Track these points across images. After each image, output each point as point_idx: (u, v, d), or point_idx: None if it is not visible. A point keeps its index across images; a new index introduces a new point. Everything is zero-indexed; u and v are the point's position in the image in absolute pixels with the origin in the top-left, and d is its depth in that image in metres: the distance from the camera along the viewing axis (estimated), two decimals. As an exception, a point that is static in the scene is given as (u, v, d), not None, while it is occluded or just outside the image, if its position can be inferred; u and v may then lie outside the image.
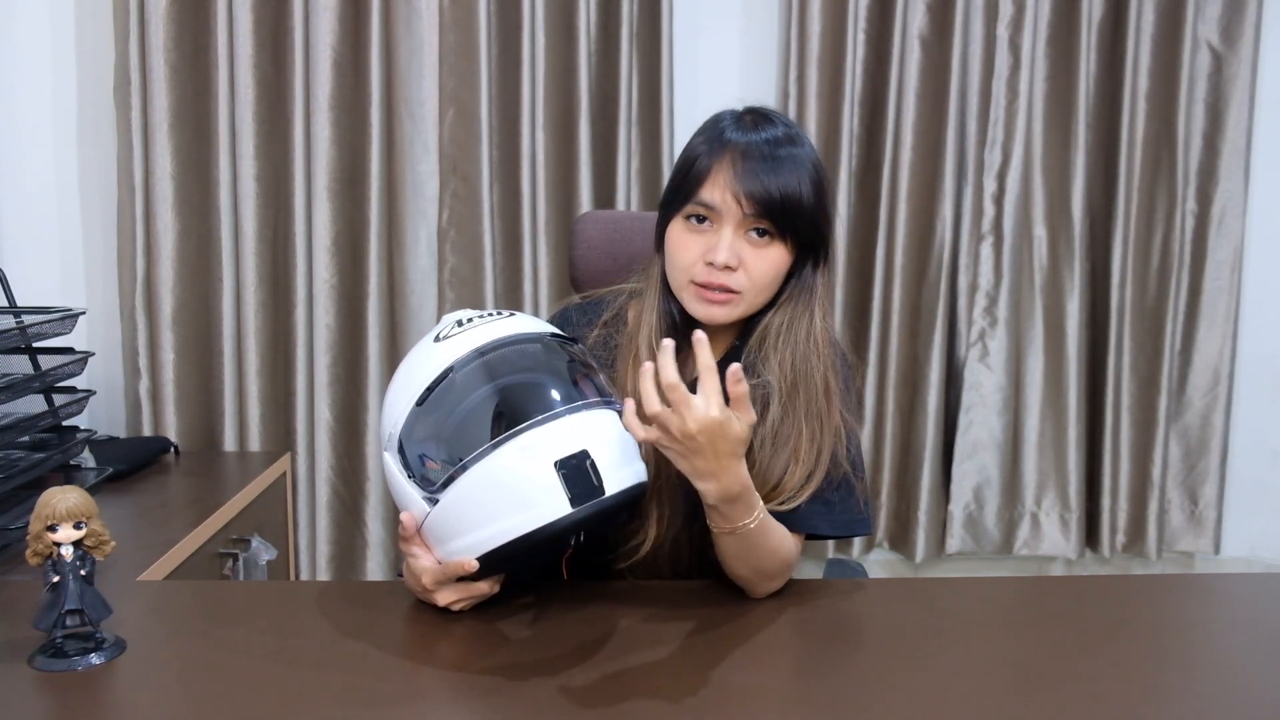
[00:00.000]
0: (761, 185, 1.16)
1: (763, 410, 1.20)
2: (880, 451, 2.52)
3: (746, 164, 1.17)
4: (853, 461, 1.25)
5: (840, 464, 1.23)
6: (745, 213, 1.17)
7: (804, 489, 1.20)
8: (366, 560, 2.43)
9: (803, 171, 1.19)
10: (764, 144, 1.18)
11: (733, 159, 1.18)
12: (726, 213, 1.18)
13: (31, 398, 1.73)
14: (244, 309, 2.31)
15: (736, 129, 1.21)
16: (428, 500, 1.07)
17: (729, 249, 1.17)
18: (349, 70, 2.30)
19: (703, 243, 1.19)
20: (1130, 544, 2.58)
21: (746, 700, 0.98)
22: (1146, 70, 2.44)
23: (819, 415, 1.21)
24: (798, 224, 1.19)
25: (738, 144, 1.19)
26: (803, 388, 1.21)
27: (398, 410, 1.09)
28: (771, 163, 1.17)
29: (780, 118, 1.24)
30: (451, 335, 1.11)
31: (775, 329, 1.23)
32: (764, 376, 1.21)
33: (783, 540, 1.18)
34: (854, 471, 1.25)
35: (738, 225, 1.18)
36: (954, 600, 1.25)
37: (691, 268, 1.20)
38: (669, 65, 2.35)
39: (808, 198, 1.19)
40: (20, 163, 2.30)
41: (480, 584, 1.11)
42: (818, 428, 1.21)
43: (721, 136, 1.20)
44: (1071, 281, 2.48)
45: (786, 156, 1.18)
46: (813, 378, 1.21)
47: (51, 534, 1.00)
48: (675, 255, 1.22)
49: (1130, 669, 1.04)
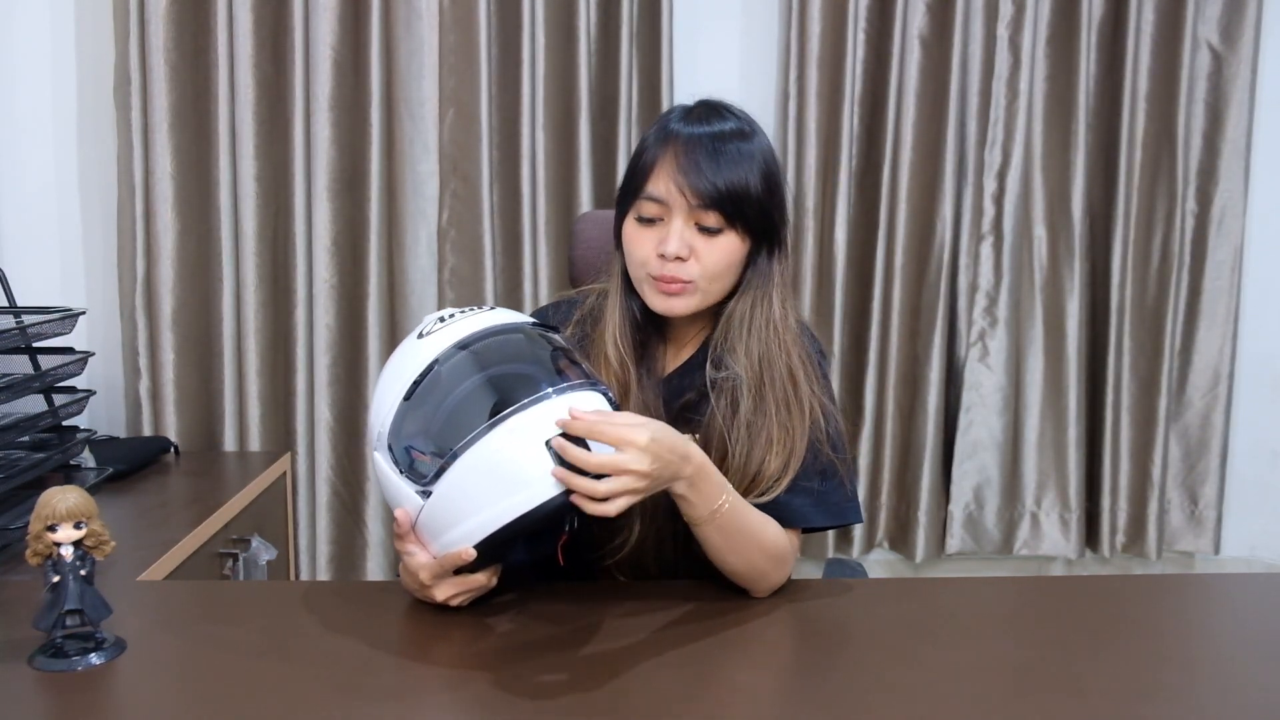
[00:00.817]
0: (706, 178, 1.17)
1: (734, 403, 1.22)
2: (880, 451, 2.52)
3: (689, 157, 1.18)
4: (833, 444, 1.25)
5: (822, 452, 1.24)
6: (691, 204, 1.18)
7: (782, 478, 1.21)
8: (366, 560, 2.43)
9: (750, 163, 1.19)
10: (708, 137, 1.19)
11: (676, 151, 1.19)
12: (674, 205, 1.19)
13: (31, 398, 1.73)
14: (244, 309, 2.31)
15: (683, 121, 1.22)
16: (421, 493, 1.07)
17: (679, 239, 1.18)
18: (349, 70, 2.30)
19: (655, 236, 1.20)
20: (1130, 544, 2.58)
21: (746, 700, 0.98)
22: (1146, 70, 2.44)
23: (787, 402, 1.22)
24: (746, 213, 1.19)
25: (681, 135, 1.20)
26: (768, 376, 1.22)
27: (385, 408, 1.10)
28: (715, 155, 1.18)
29: (733, 110, 1.25)
30: (434, 331, 1.11)
31: (738, 317, 1.23)
32: (732, 369, 1.23)
33: (766, 528, 1.19)
34: (836, 455, 1.25)
35: (686, 217, 1.19)
36: (954, 600, 1.25)
37: (647, 261, 1.21)
38: (669, 65, 2.35)
39: (756, 188, 1.19)
40: (20, 163, 2.30)
41: (478, 576, 1.12)
42: (787, 415, 1.22)
43: (668, 129, 1.22)
44: (1071, 281, 2.48)
45: (733, 149, 1.19)
46: (778, 365, 1.22)
47: (51, 534, 1.00)
48: (631, 250, 1.23)
49: (1130, 669, 1.04)
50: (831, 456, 1.24)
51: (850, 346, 2.50)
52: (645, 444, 1.03)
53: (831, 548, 2.55)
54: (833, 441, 1.25)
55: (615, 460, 1.02)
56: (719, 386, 1.23)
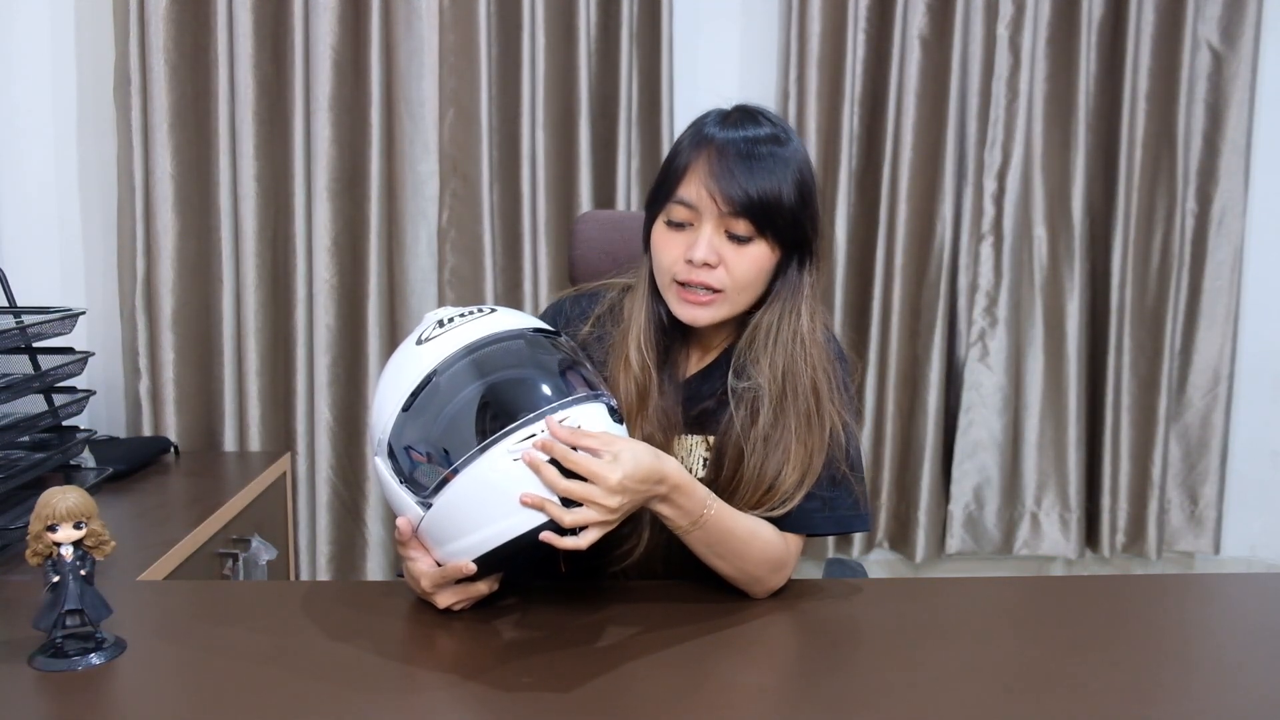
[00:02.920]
0: (738, 184, 1.15)
1: (754, 414, 1.20)
2: (880, 451, 2.52)
3: (723, 162, 1.16)
4: (851, 463, 1.24)
5: (837, 463, 1.23)
6: (722, 211, 1.16)
7: (798, 491, 1.19)
8: (366, 560, 2.43)
9: (784, 170, 1.17)
10: (743, 141, 1.17)
11: (709, 156, 1.17)
12: (704, 210, 1.17)
13: (31, 398, 1.72)
14: (244, 309, 2.31)
15: (719, 126, 1.20)
16: (421, 504, 1.07)
17: (708, 245, 1.17)
18: (349, 70, 2.30)
19: (684, 241, 1.19)
20: (1130, 544, 2.58)
21: (746, 699, 0.98)
22: (1146, 70, 2.44)
23: (808, 417, 1.20)
24: (777, 222, 1.17)
25: (716, 140, 1.18)
26: (791, 390, 1.20)
27: (385, 415, 1.09)
28: (749, 161, 1.16)
29: (769, 116, 1.22)
30: (433, 337, 1.09)
31: (765, 328, 1.22)
32: (755, 379, 1.21)
33: (757, 534, 1.18)
34: (853, 473, 1.24)
35: (717, 223, 1.17)
36: (954, 600, 1.25)
37: (673, 266, 1.19)
38: (669, 65, 2.35)
39: (789, 197, 1.17)
40: (20, 163, 2.30)
41: (479, 584, 1.12)
42: (807, 430, 1.20)
43: (703, 132, 1.20)
44: (1071, 281, 2.48)
45: (767, 155, 1.17)
46: (801, 379, 1.21)
47: (51, 534, 1.00)
48: (659, 255, 1.21)
49: (1130, 669, 1.04)
50: (846, 472, 1.23)
51: (850, 346, 2.49)
52: (615, 484, 1.02)
53: (831, 548, 2.55)
54: (851, 460, 1.24)
55: (584, 491, 1.02)
56: (740, 396, 1.21)
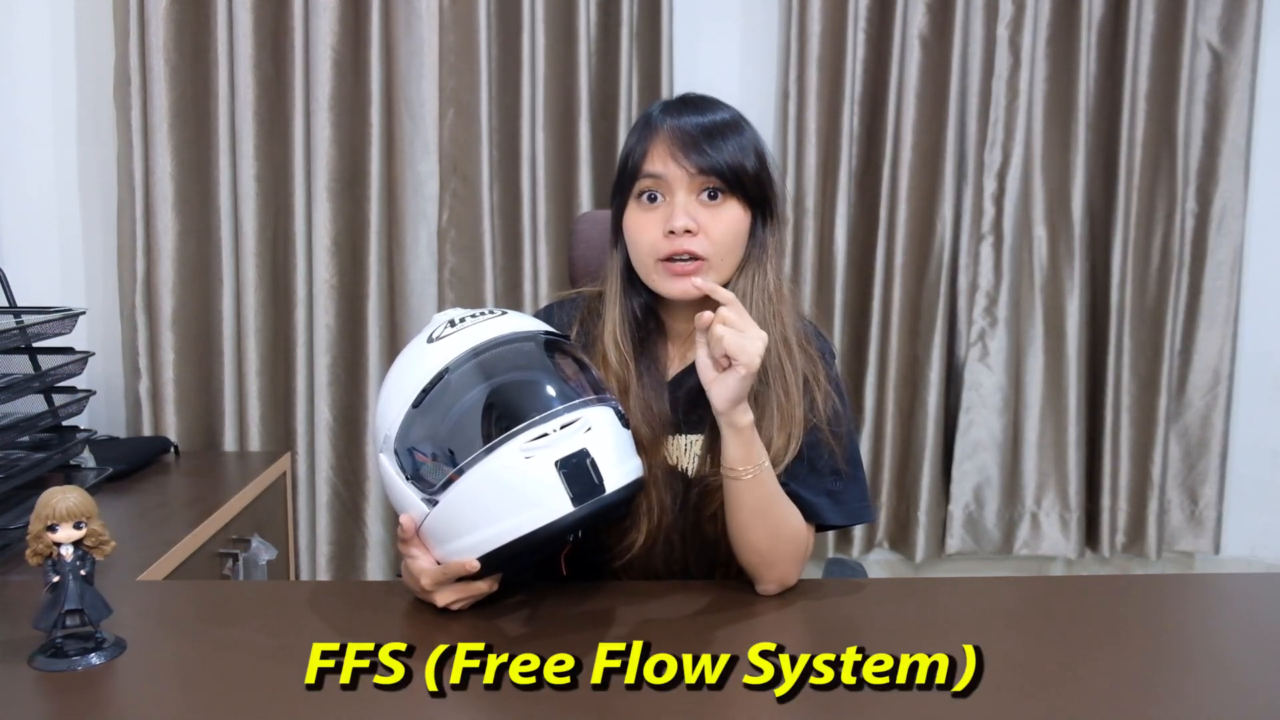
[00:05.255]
0: (701, 149, 1.18)
1: None
2: (880, 451, 2.52)
3: (683, 132, 1.19)
4: (851, 458, 1.27)
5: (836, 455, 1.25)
6: (690, 173, 1.18)
7: (788, 449, 1.21)
8: (366, 560, 2.43)
9: (739, 134, 1.21)
10: (695, 113, 1.21)
11: (667, 132, 1.20)
12: (674, 179, 1.19)
13: (31, 398, 1.72)
14: (244, 309, 2.31)
15: (666, 111, 1.23)
16: (426, 502, 1.07)
17: (684, 212, 1.18)
18: (349, 70, 2.30)
19: (659, 217, 1.20)
20: (1130, 544, 2.58)
21: (746, 699, 0.98)
22: (1146, 70, 2.44)
23: (782, 370, 1.23)
24: (744, 180, 1.20)
25: (669, 118, 1.21)
26: (771, 347, 1.21)
27: (393, 412, 1.09)
28: (706, 127, 1.20)
29: (713, 99, 1.26)
30: (445, 336, 1.10)
31: (742, 294, 1.23)
32: None
33: (793, 510, 1.20)
34: (851, 469, 1.27)
35: (688, 188, 1.19)
36: (954, 600, 1.25)
37: (655, 245, 1.20)
38: (669, 65, 2.35)
39: (749, 155, 1.21)
40: (20, 163, 2.30)
41: (479, 583, 1.12)
42: (783, 382, 1.22)
43: (651, 120, 1.23)
44: (1071, 281, 2.48)
45: (720, 120, 1.21)
46: (772, 334, 1.22)
47: (51, 534, 0.99)
48: (636, 238, 1.22)
49: (1130, 669, 1.04)
50: (844, 468, 1.25)
51: (850, 346, 2.50)
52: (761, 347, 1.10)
53: (831, 548, 2.55)
54: (849, 454, 1.27)
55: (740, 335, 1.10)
56: None
